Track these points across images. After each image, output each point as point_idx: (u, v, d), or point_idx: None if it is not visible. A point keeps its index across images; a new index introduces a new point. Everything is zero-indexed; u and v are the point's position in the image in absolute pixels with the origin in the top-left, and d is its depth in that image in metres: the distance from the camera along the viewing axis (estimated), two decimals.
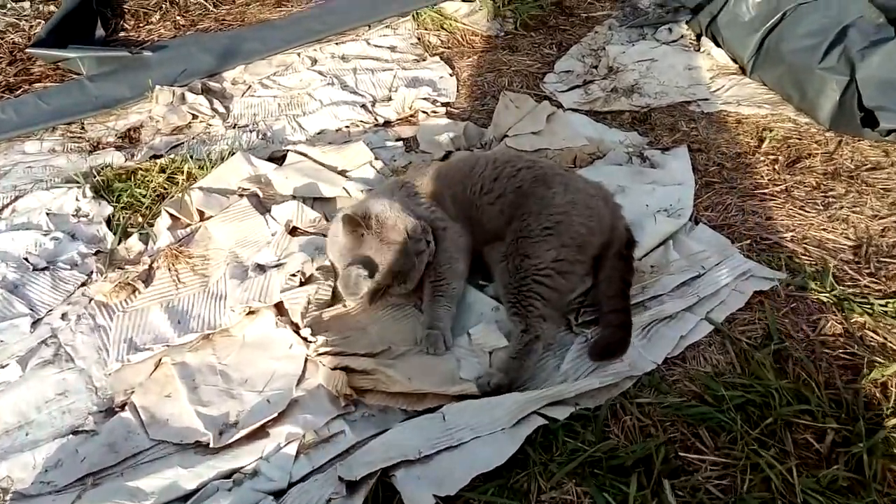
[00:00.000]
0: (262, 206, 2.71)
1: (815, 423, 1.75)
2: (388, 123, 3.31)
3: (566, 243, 2.09)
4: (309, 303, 2.16)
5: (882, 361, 1.89)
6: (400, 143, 3.10)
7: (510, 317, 2.05)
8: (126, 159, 3.09)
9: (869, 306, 2.06)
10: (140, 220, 2.69)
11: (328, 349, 2.02)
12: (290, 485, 1.73)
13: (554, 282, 2.06)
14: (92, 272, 2.45)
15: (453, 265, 2.17)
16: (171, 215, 2.61)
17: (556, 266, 2.06)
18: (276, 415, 1.88)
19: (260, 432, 1.87)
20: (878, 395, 1.81)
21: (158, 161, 2.97)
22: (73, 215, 2.75)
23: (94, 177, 2.87)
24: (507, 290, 2.08)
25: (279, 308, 2.20)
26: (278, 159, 3.02)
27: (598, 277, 2.16)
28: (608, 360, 1.95)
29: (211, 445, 1.83)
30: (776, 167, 2.75)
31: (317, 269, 2.27)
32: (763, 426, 1.74)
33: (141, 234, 2.59)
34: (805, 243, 2.35)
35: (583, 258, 2.13)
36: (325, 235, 2.45)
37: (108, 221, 2.70)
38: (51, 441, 1.89)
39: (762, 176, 2.72)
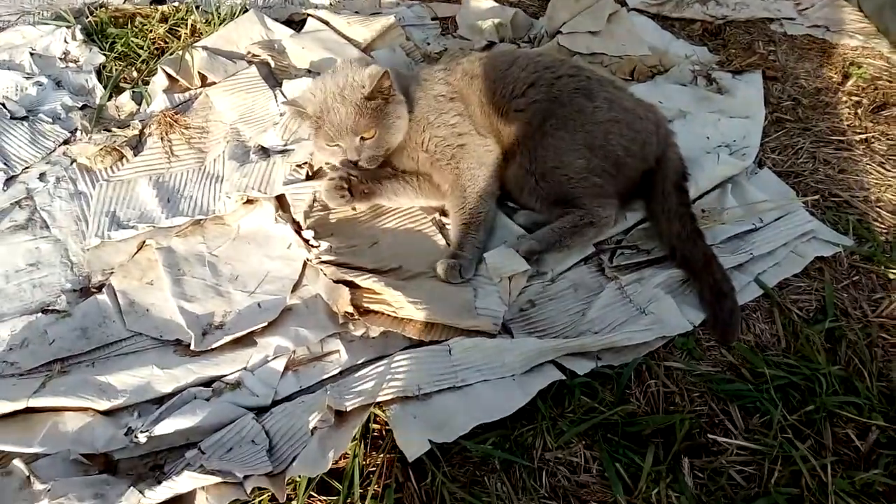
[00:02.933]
0: (273, 77, 2.39)
1: (860, 417, 1.56)
2: None
3: (598, 156, 1.87)
4: (315, 200, 1.92)
5: None
6: (436, 24, 2.72)
7: (561, 215, 1.87)
8: (125, 0, 2.73)
9: None
10: (135, 75, 2.38)
11: (332, 258, 1.80)
12: (274, 403, 1.58)
13: (593, 182, 1.87)
14: (76, 129, 2.19)
15: (477, 184, 1.90)
16: (169, 76, 2.30)
17: (590, 173, 1.87)
18: (266, 324, 1.70)
19: (246, 339, 1.70)
20: None
21: (160, 8, 2.61)
22: (60, 59, 2.44)
23: (87, 17, 2.53)
24: (544, 201, 1.90)
25: (280, 201, 1.97)
26: (296, 24, 2.66)
27: (656, 214, 1.89)
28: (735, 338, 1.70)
29: (192, 347, 1.66)
30: (859, 111, 2.41)
31: (326, 164, 2.00)
32: (802, 413, 1.56)
33: (134, 92, 2.30)
34: (879, 207, 2.07)
35: (616, 175, 1.90)
36: None
37: (99, 72, 2.39)
38: (17, 317, 1.73)
39: (841, 120, 2.38)
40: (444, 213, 1.98)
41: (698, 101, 2.34)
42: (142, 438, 1.46)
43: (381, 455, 1.48)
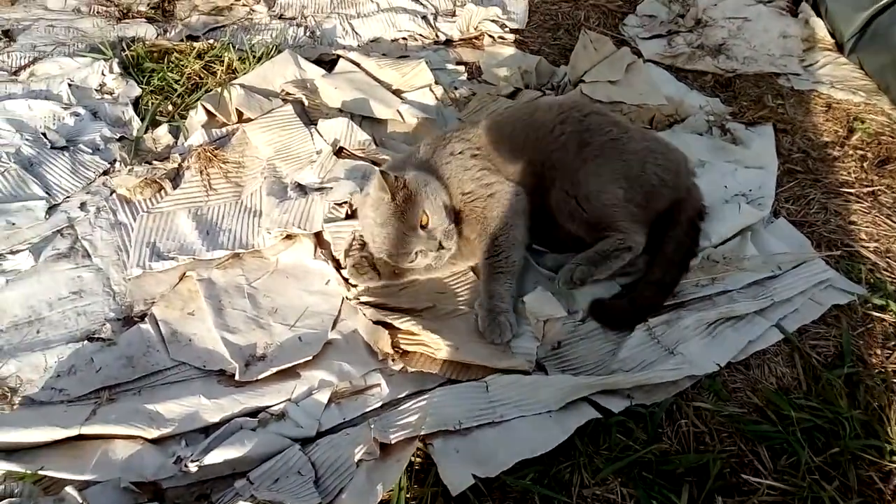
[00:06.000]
0: (307, 115, 2.47)
1: (882, 460, 1.63)
2: (449, 42, 3.03)
3: (635, 187, 1.96)
4: (354, 240, 1.97)
5: None
6: (462, 68, 2.83)
7: (596, 238, 1.93)
8: (158, 35, 2.81)
9: None
10: (171, 108, 2.44)
11: (370, 299, 1.85)
12: (318, 434, 1.62)
13: (631, 211, 1.95)
14: (115, 160, 2.24)
15: (510, 233, 1.93)
16: (208, 111, 2.37)
17: (628, 202, 1.95)
18: (310, 357, 1.74)
19: (290, 371, 1.74)
20: None
21: (196, 44, 2.69)
22: (96, 90, 2.50)
23: (124, 50, 2.60)
24: (584, 224, 1.95)
25: (318, 238, 2.02)
26: (326, 64, 2.75)
27: (665, 239, 1.99)
28: (608, 328, 1.87)
29: (237, 378, 1.70)
30: (864, 165, 2.53)
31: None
32: (828, 455, 1.62)
33: (171, 125, 2.36)
34: (888, 257, 2.17)
35: (648, 207, 1.98)
36: (374, 162, 2.24)
37: (136, 104, 2.45)
38: (64, 344, 1.76)
39: (849, 172, 2.50)
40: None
41: (715, 150, 2.46)
42: (192, 468, 1.49)
43: (424, 488, 1.51)
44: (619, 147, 1.98)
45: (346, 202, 2.04)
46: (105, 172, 2.21)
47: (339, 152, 2.30)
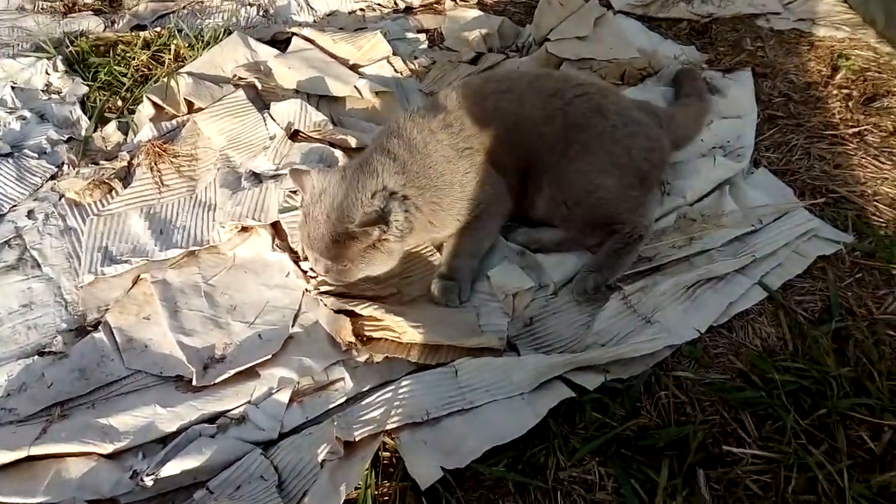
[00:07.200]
0: (261, 100, 2.36)
1: (873, 418, 1.54)
2: (409, 10, 2.90)
3: (627, 173, 1.88)
4: None
5: None
6: (422, 36, 2.70)
7: (605, 234, 1.85)
8: (105, 27, 2.69)
9: None
10: (120, 104, 2.34)
11: (331, 288, 1.77)
12: (281, 436, 1.55)
13: (630, 196, 1.88)
14: (63, 163, 2.15)
15: (490, 228, 1.89)
16: (155, 104, 2.26)
17: (624, 188, 1.87)
18: (269, 356, 1.67)
19: (249, 371, 1.67)
20: None
21: (142, 34, 2.57)
22: (42, 91, 2.40)
23: (68, 47, 2.49)
24: (582, 226, 1.87)
25: (276, 228, 1.93)
26: (280, 43, 2.63)
27: None
28: None
29: (194, 383, 1.63)
30: (850, 104, 2.40)
31: None
32: (815, 417, 1.54)
33: (120, 122, 2.26)
34: (876, 200, 2.06)
35: (643, 187, 1.92)
36: (331, 144, 2.14)
37: (83, 103, 2.35)
38: (14, 361, 1.69)
39: (833, 114, 2.37)
40: None
41: None
42: (148, 482, 1.43)
43: (393, 483, 1.45)
44: (602, 140, 1.87)
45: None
46: (53, 177, 2.12)
47: (294, 136, 2.20)
